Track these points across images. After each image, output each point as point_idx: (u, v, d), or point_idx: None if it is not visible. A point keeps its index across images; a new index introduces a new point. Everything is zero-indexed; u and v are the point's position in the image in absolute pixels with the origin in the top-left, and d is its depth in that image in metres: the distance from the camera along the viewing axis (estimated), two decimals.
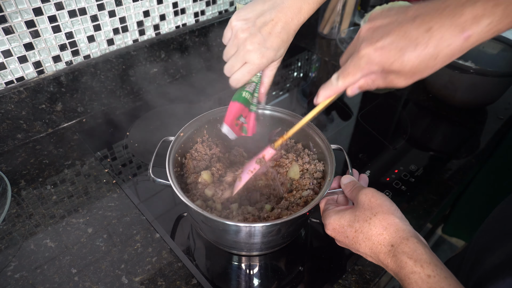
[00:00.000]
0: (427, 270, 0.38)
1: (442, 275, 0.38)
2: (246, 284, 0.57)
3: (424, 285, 0.38)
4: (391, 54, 0.39)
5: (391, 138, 0.85)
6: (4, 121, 0.75)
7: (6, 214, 0.64)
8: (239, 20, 0.52)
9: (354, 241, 0.46)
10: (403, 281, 0.40)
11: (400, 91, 1.00)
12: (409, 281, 0.39)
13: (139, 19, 0.88)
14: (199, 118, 0.65)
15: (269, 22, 0.51)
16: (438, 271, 0.38)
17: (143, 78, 0.94)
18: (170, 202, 0.68)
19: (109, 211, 0.66)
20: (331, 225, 0.49)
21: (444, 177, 0.75)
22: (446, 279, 0.37)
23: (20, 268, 0.57)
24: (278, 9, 0.51)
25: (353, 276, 0.58)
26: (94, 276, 0.57)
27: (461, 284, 0.38)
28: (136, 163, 0.76)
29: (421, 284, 0.38)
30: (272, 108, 0.68)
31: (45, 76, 0.78)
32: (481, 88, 0.86)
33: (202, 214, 0.48)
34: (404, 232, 0.43)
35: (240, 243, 0.54)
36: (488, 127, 0.89)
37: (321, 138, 0.62)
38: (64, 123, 0.85)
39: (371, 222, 0.45)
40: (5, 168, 0.74)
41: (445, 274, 0.38)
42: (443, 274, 0.38)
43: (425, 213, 0.68)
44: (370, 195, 0.47)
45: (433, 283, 0.38)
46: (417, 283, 0.38)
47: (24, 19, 0.71)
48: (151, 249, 0.61)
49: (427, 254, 0.40)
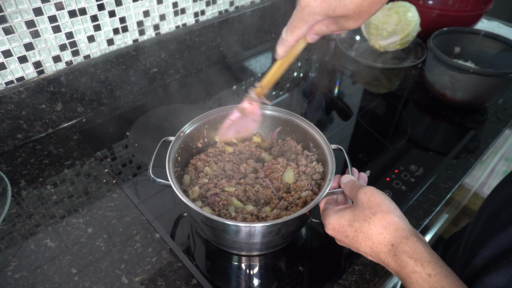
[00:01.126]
0: (427, 269, 0.39)
1: (442, 274, 0.38)
2: (246, 284, 0.57)
3: (425, 284, 0.38)
4: (331, 1, 0.39)
5: (391, 138, 0.85)
6: (4, 121, 0.75)
7: (6, 214, 0.64)
8: None
9: (354, 241, 0.47)
10: (404, 280, 0.40)
11: (400, 91, 1.00)
12: (410, 280, 0.39)
13: (139, 19, 0.88)
14: (199, 118, 0.65)
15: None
16: (438, 270, 0.38)
17: (143, 78, 0.94)
18: (170, 202, 0.68)
19: (109, 211, 0.66)
20: (331, 224, 0.49)
21: (444, 177, 0.75)
22: (447, 277, 0.38)
23: (20, 268, 0.57)
24: None
25: (353, 276, 0.58)
26: (94, 276, 0.57)
27: (461, 281, 0.38)
28: (136, 163, 0.76)
29: (422, 283, 0.38)
30: (272, 108, 0.68)
31: (45, 76, 0.78)
32: (481, 88, 0.86)
33: (202, 214, 0.48)
34: (404, 231, 0.43)
35: (240, 243, 0.54)
36: (488, 127, 0.89)
37: (321, 138, 0.62)
38: (64, 123, 0.85)
39: (370, 221, 0.45)
40: (5, 168, 0.74)
41: (446, 272, 0.38)
42: (444, 273, 0.38)
43: (425, 213, 0.68)
44: (369, 193, 0.47)
45: (434, 282, 0.38)
46: (418, 282, 0.39)
47: (24, 19, 0.71)
48: (151, 249, 0.61)
49: (427, 252, 0.40)
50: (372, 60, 1.12)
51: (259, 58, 1.13)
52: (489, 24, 1.32)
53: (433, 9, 1.10)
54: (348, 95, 1.00)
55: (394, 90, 1.01)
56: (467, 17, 1.10)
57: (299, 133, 0.67)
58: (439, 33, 0.96)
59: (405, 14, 1.03)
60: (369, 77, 1.06)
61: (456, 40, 1.01)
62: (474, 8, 1.10)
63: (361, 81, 1.05)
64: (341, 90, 1.02)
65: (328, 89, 1.02)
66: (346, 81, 1.06)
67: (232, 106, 0.67)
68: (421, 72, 1.08)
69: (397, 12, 1.03)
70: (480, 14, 1.10)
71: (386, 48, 1.10)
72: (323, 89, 1.01)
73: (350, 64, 1.11)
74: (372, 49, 1.15)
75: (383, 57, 1.13)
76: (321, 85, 1.03)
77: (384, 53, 1.14)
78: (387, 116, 0.93)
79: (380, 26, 1.06)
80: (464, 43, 1.00)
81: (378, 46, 1.10)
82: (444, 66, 0.87)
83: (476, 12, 1.09)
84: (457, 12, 1.09)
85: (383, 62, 1.11)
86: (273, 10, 1.15)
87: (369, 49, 1.16)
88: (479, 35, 0.98)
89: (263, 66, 1.10)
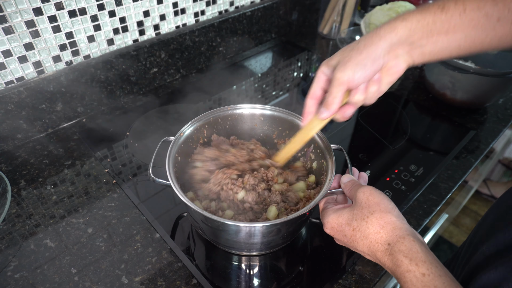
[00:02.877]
0: (421, 268, 0.39)
1: (436, 273, 0.38)
2: (246, 284, 0.57)
3: (418, 283, 0.38)
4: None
5: (391, 138, 0.85)
6: (4, 121, 0.75)
7: (6, 214, 0.64)
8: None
9: (352, 240, 0.47)
10: (399, 279, 0.41)
11: (400, 91, 1.00)
12: (404, 279, 0.40)
13: (139, 19, 0.88)
14: (199, 118, 0.65)
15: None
16: (433, 269, 0.38)
17: (143, 78, 0.94)
18: (170, 202, 0.68)
19: (109, 211, 0.66)
20: (330, 223, 0.49)
21: (444, 177, 0.75)
22: (441, 277, 0.38)
23: (20, 268, 0.57)
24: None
25: (353, 276, 0.58)
26: (94, 276, 0.57)
27: (457, 281, 0.38)
28: (136, 163, 0.76)
29: (415, 282, 0.38)
30: (272, 108, 0.68)
31: (45, 76, 0.78)
32: (481, 88, 0.86)
33: (202, 214, 0.48)
34: (400, 231, 0.43)
35: (240, 243, 0.54)
36: (488, 127, 0.89)
37: (321, 138, 0.62)
38: (64, 123, 0.85)
39: (368, 220, 0.45)
40: (5, 168, 0.74)
41: (440, 272, 0.38)
42: (438, 273, 0.38)
43: (425, 213, 0.68)
44: (368, 193, 0.47)
45: (427, 281, 0.38)
46: (412, 281, 0.39)
47: (24, 19, 0.71)
48: (151, 249, 0.61)
49: (423, 252, 0.40)
50: None
51: (259, 58, 1.13)
52: None
53: None
54: None
55: (394, 90, 1.01)
56: None
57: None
58: None
59: None
60: None
61: None
62: None
63: None
64: None
65: None
66: None
67: (232, 106, 0.67)
68: (421, 72, 1.08)
69: (397, 12, 1.03)
70: None
71: None
72: None
73: None
74: None
75: None
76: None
77: None
78: (387, 116, 0.93)
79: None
80: None
81: None
82: (444, 66, 0.87)
83: None
84: None
85: None
86: (273, 10, 1.15)
87: None
88: None
89: (263, 66, 1.10)
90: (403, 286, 0.40)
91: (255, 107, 0.68)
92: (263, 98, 0.97)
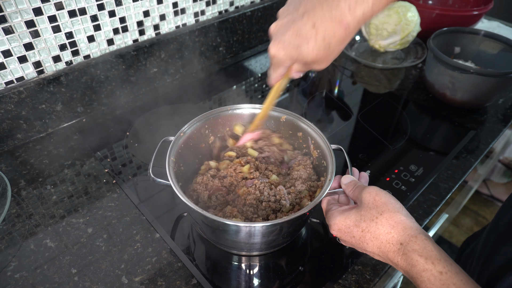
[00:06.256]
0: (438, 266, 0.38)
1: (453, 271, 0.38)
2: (246, 284, 0.57)
3: (437, 282, 0.38)
4: (292, 52, 0.44)
5: (391, 138, 0.85)
6: (4, 121, 0.75)
7: (6, 214, 0.64)
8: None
9: (361, 241, 0.46)
10: (415, 279, 0.40)
11: (400, 91, 1.00)
12: (421, 279, 0.39)
13: (139, 19, 0.88)
14: (199, 118, 0.65)
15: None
16: (449, 267, 0.38)
17: (143, 78, 0.94)
18: (170, 202, 0.68)
19: (109, 211, 0.66)
20: (337, 225, 0.49)
21: (444, 177, 0.75)
22: (458, 275, 0.38)
23: (20, 268, 0.57)
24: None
25: (353, 276, 0.58)
26: (94, 276, 0.57)
27: (471, 278, 0.38)
28: (136, 163, 0.76)
29: (434, 281, 0.38)
30: (272, 108, 0.67)
31: (45, 76, 0.78)
32: (481, 88, 0.86)
33: (202, 214, 0.48)
34: (412, 230, 0.43)
35: (240, 243, 0.54)
36: (488, 127, 0.89)
37: (321, 138, 0.62)
38: (64, 123, 0.85)
39: (378, 221, 0.45)
40: (5, 168, 0.74)
41: (456, 270, 0.38)
42: (454, 270, 0.38)
43: (425, 213, 0.68)
44: (374, 193, 0.47)
45: (446, 279, 0.38)
46: (430, 280, 0.39)
47: (24, 19, 0.71)
48: (151, 249, 0.61)
49: (437, 250, 0.40)
50: (372, 60, 1.12)
51: (259, 58, 1.13)
52: (489, 24, 1.32)
53: (433, 9, 1.10)
54: (348, 95, 1.00)
55: (394, 90, 1.01)
56: (467, 17, 1.10)
57: (300, 133, 0.67)
58: (439, 33, 0.96)
59: (405, 14, 1.03)
60: (369, 77, 1.06)
61: (456, 40, 1.01)
62: (474, 8, 1.10)
63: (361, 81, 1.05)
64: (341, 90, 1.02)
65: (328, 89, 1.02)
66: (346, 81, 1.06)
67: (232, 106, 0.67)
68: (421, 72, 1.08)
69: (397, 12, 1.03)
70: (480, 14, 1.10)
71: (386, 48, 1.10)
72: (323, 89, 1.01)
73: (350, 64, 1.11)
74: (372, 49, 1.15)
75: (383, 57, 1.13)
76: (321, 85, 1.03)
77: (384, 53, 1.14)
78: (387, 116, 0.93)
79: (380, 26, 1.06)
80: (464, 43, 1.00)
81: (378, 46, 1.10)
82: (444, 66, 0.87)
83: (476, 12, 1.09)
84: (457, 12, 1.09)
85: (383, 62, 1.11)
86: (273, 10, 1.14)
87: (369, 49, 1.16)
88: (479, 35, 0.98)
89: (263, 66, 1.10)
90: (419, 286, 0.40)
91: (255, 107, 0.68)
92: (263, 98, 0.97)
